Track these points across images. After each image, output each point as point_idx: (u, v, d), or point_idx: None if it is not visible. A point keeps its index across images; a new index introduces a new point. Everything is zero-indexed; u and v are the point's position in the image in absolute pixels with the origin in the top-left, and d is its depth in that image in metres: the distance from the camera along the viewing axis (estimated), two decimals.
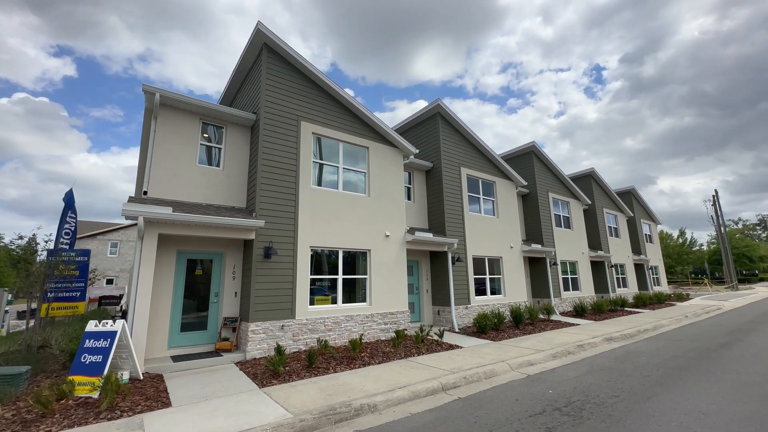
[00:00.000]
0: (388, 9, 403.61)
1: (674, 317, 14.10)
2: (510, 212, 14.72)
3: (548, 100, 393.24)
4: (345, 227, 9.53)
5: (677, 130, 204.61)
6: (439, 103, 12.68)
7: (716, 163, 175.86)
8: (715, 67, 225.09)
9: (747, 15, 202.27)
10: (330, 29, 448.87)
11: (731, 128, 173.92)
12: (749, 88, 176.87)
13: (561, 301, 16.03)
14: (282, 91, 9.10)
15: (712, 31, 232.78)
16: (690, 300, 22.45)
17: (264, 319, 7.78)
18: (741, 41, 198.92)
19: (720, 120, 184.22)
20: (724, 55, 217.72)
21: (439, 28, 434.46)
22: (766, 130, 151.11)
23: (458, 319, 11.66)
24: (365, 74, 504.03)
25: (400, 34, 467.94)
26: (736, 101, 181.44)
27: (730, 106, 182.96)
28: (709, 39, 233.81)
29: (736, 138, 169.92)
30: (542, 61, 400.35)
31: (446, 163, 12.81)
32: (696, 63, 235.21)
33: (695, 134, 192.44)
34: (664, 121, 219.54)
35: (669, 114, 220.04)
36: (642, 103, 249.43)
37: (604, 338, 9.84)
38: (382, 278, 10.00)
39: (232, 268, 8.48)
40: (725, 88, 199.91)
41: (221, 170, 8.85)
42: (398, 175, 11.13)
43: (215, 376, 6.38)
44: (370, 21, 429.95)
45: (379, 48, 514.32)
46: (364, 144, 10.50)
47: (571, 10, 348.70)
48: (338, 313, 8.97)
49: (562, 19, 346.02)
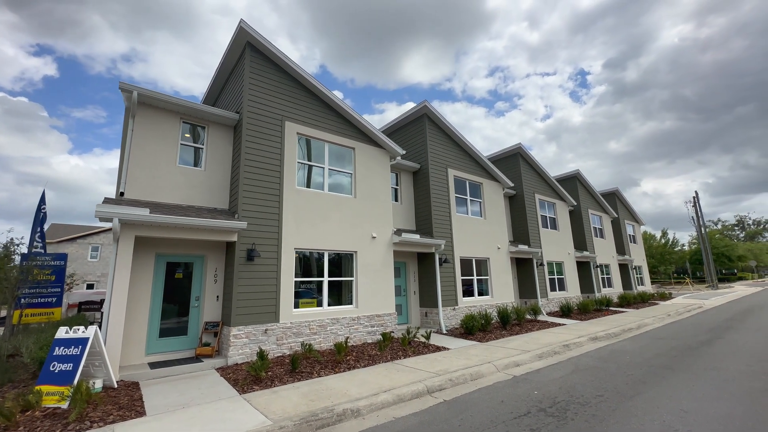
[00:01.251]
0: (377, 11, 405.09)
1: (657, 316, 14.34)
2: (497, 213, 14.79)
3: (535, 104, 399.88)
4: (331, 229, 9.40)
5: (659, 134, 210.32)
6: (425, 104, 12.68)
7: (696, 165, 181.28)
8: (694, 73, 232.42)
9: (724, 23, 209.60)
10: (318, 31, 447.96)
11: (710, 132, 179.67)
12: (727, 93, 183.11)
13: (548, 301, 16.17)
14: (265, 90, 8.95)
15: (690, 38, 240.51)
16: (673, 299, 22.93)
17: (246, 324, 7.59)
18: (718, 48, 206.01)
19: (699, 124, 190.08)
20: (702, 61, 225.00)
21: (428, 31, 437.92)
22: (742, 133, 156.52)
23: (446, 321, 11.62)
24: (354, 76, 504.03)
25: (390, 36, 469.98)
26: (715, 106, 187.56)
27: (709, 110, 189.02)
28: (688, 45, 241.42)
29: (714, 141, 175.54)
30: (529, 65, 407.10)
31: (433, 164, 12.81)
32: (676, 68, 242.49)
33: (676, 138, 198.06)
34: (647, 125, 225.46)
35: (651, 118, 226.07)
36: (625, 107, 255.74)
37: (590, 338, 9.92)
38: (369, 280, 9.89)
39: (213, 271, 8.26)
40: (704, 93, 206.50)
41: (203, 171, 8.64)
42: (385, 176, 11.06)
43: (194, 383, 6.17)
44: (359, 23, 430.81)
45: (368, 50, 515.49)
46: (351, 145, 10.41)
47: (556, 15, 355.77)
48: (324, 316, 8.83)
49: (548, 24, 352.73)
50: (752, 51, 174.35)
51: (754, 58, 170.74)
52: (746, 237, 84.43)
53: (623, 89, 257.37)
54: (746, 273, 62.68)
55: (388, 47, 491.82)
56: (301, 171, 9.45)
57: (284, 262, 8.38)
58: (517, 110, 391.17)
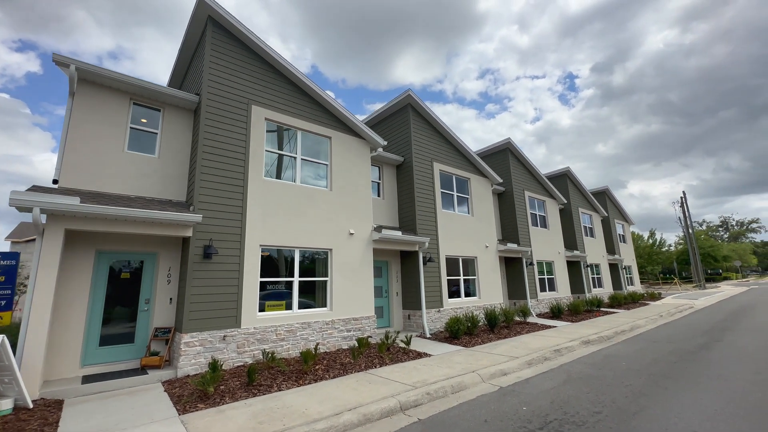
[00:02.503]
0: (368, 11, 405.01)
1: (649, 317, 13.84)
2: (485, 210, 14.12)
3: (525, 106, 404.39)
4: (303, 224, 8.57)
5: (645, 137, 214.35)
6: (409, 93, 11.93)
7: (681, 168, 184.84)
8: (678, 78, 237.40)
9: (707, 29, 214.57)
10: (309, 30, 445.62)
11: (694, 135, 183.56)
12: (710, 98, 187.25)
13: (537, 302, 15.56)
14: (229, 70, 8.09)
15: (675, 43, 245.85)
16: (663, 299, 22.63)
17: (201, 329, 6.71)
18: (701, 54, 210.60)
19: (684, 127, 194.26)
20: (686, 66, 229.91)
21: (420, 32, 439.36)
22: (725, 137, 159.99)
23: (430, 324, 10.87)
24: (345, 77, 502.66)
25: (381, 37, 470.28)
26: (698, 110, 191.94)
27: (693, 114, 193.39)
28: (673, 51, 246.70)
29: (698, 145, 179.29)
30: (518, 68, 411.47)
31: (418, 157, 12.06)
32: (661, 73, 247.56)
33: (662, 141, 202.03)
34: (633, 128, 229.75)
35: (638, 121, 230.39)
36: (613, 111, 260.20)
37: (582, 341, 9.27)
38: (346, 280, 9.08)
39: (167, 270, 7.36)
40: (688, 98, 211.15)
41: (157, 158, 7.72)
42: (364, 168, 10.26)
43: (130, 401, 5.28)
44: (351, 23, 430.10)
45: (359, 51, 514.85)
46: (327, 134, 9.59)
47: (545, 19, 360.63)
48: (293, 320, 7.99)
49: (538, 27, 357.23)
50: (734, 57, 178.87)
51: (736, 64, 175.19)
52: (730, 237, 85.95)
53: (611, 93, 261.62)
54: (731, 273, 63.60)
55: (380, 48, 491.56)
56: (271, 160, 8.60)
57: (248, 261, 7.52)
58: (507, 112, 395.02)
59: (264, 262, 7.97)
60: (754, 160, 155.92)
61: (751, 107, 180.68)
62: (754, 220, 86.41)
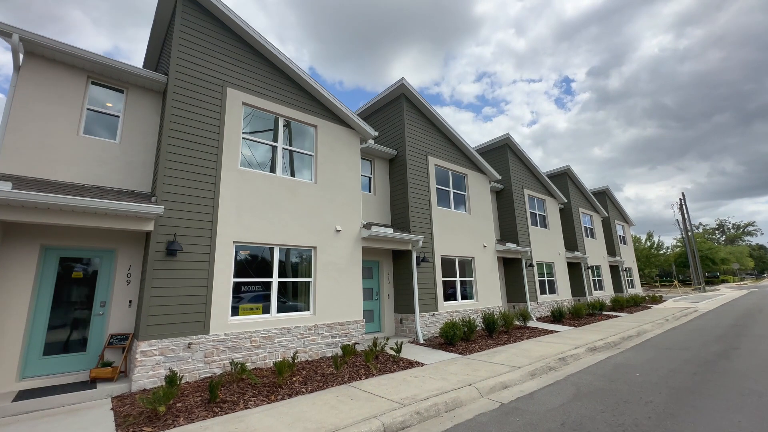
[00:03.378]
0: (367, 13, 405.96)
1: (655, 321, 13.14)
2: (483, 208, 13.39)
3: (521, 110, 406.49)
4: (283, 219, 7.79)
5: (641, 140, 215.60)
6: (403, 82, 11.21)
7: (676, 171, 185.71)
8: (673, 82, 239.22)
9: (701, 35, 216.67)
10: (307, 32, 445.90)
11: (689, 139, 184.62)
12: (704, 103, 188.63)
13: (537, 305, 14.82)
14: (202, 48, 7.32)
15: (670, 48, 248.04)
16: (664, 302, 22.01)
17: (162, 336, 5.90)
18: (696, 59, 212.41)
19: (679, 131, 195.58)
20: (681, 71, 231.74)
21: (418, 34, 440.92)
22: (719, 141, 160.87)
23: (424, 329, 10.10)
24: (343, 78, 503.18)
25: (379, 39, 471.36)
26: (693, 114, 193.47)
27: (688, 118, 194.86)
28: (668, 56, 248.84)
29: (693, 149, 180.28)
30: (515, 71, 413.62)
31: (412, 150, 11.32)
32: (656, 77, 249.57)
33: (657, 144, 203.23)
34: (629, 132, 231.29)
35: (633, 125, 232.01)
36: (608, 114, 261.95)
37: (588, 348, 8.54)
38: (332, 281, 8.30)
39: (127, 269, 6.55)
40: (683, 102, 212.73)
41: (118, 144, 6.92)
42: (353, 160, 9.51)
43: (66, 422, 4.47)
44: (349, 25, 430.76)
45: (357, 52, 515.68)
46: (312, 122, 8.83)
47: (542, 23, 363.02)
48: (271, 325, 7.19)
49: (534, 31, 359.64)
50: (728, 62, 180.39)
51: (729, 69, 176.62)
52: (727, 240, 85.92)
53: (606, 97, 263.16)
54: (728, 276, 63.35)
55: (378, 50, 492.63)
56: (248, 149, 7.83)
57: (220, 259, 6.72)
58: (504, 115, 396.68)
59: (239, 261, 7.18)
60: (748, 164, 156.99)
61: (745, 112, 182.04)
62: (750, 223, 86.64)
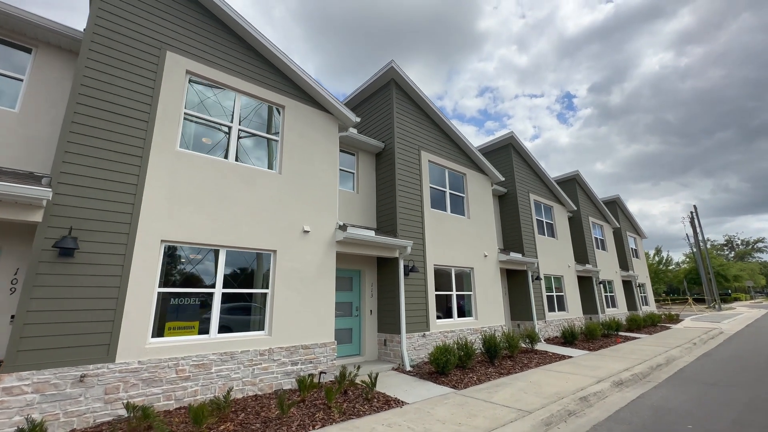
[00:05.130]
0: (371, 26, 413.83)
1: (681, 345, 11.39)
2: (484, 213, 11.84)
3: (524, 124, 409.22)
4: (235, 215, 6.27)
5: (643, 156, 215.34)
6: (392, 65, 9.81)
7: (679, 187, 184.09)
8: (675, 99, 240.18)
9: (701, 53, 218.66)
10: (312, 45, 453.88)
11: (692, 156, 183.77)
12: (707, 119, 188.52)
13: (545, 324, 13.09)
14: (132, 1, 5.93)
15: (671, 66, 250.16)
16: (682, 321, 20.18)
17: (41, 366, 4.32)
18: (697, 76, 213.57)
19: (681, 147, 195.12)
20: (682, 88, 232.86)
21: (422, 48, 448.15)
22: (723, 158, 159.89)
23: (412, 352, 8.44)
24: (346, 91, 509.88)
25: (384, 52, 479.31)
26: (695, 131, 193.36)
27: (690, 135, 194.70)
28: (669, 73, 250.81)
29: (696, 165, 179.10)
30: (517, 86, 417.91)
31: (402, 143, 9.85)
32: (658, 94, 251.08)
33: (659, 160, 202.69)
34: (631, 147, 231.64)
35: (635, 140, 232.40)
36: (611, 130, 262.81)
37: (613, 382, 6.84)
38: (295, 294, 6.72)
39: (12, 274, 5.01)
40: (685, 119, 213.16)
41: (16, 113, 5.47)
42: (329, 149, 8.03)
43: None
44: (354, 38, 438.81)
45: (361, 65, 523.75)
46: (279, 101, 7.40)
47: (544, 40, 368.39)
48: (209, 348, 5.58)
49: (536, 48, 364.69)
50: (729, 80, 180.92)
51: (730, 87, 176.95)
52: (736, 257, 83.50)
53: (608, 112, 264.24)
54: (740, 294, 60.90)
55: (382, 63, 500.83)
56: (192, 128, 6.37)
57: (139, 262, 5.18)
58: (506, 129, 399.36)
59: (169, 265, 5.63)
60: (752, 181, 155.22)
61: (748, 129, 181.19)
62: (760, 239, 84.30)
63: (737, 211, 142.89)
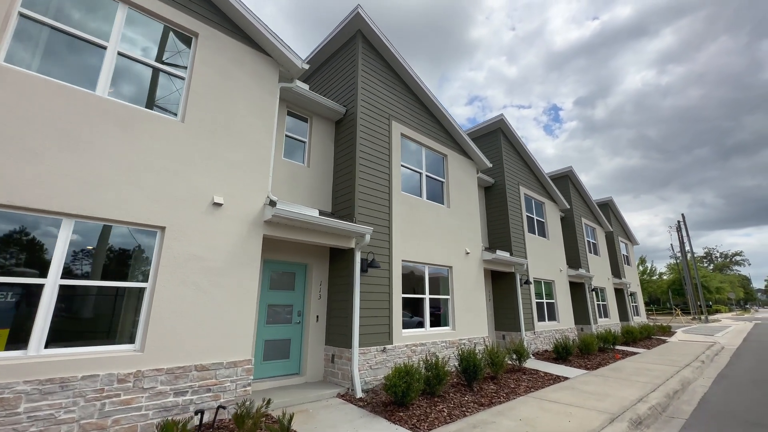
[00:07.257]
0: None
1: (689, 364, 9.78)
2: (468, 203, 10.01)
3: None
4: (93, 170, 4.21)
5: (626, 170, 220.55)
6: (358, 11, 7.88)
7: (659, 201, 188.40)
8: (656, 116, 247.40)
9: (682, 72, 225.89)
10: (302, 45, 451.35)
11: (671, 170, 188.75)
12: (685, 136, 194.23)
13: (535, 336, 11.31)
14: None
15: (653, 83, 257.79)
16: (675, 334, 18.84)
17: None
18: (677, 94, 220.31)
19: (661, 162, 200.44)
20: (663, 106, 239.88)
21: (415, 53, 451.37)
22: (700, 174, 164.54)
23: (368, 372, 6.46)
24: None
25: None
26: (675, 147, 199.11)
27: (670, 151, 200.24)
28: (651, 90, 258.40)
29: (675, 180, 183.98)
30: (506, 97, 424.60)
31: (366, 107, 7.92)
32: (640, 110, 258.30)
33: (640, 174, 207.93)
34: (614, 161, 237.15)
35: (618, 154, 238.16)
36: (595, 143, 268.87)
37: (630, 421, 5.03)
38: (192, 291, 4.68)
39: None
40: (665, 135, 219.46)
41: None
42: (264, 99, 6.04)
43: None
44: None
45: None
46: (187, 25, 5.39)
47: (533, 52, 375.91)
48: (20, 374, 3.50)
49: (525, 60, 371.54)
50: (707, 100, 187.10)
51: (708, 107, 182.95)
52: (715, 269, 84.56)
53: (593, 126, 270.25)
54: (720, 306, 61.04)
55: None
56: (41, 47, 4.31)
57: None
58: None
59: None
60: (727, 198, 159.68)
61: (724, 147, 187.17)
62: (738, 253, 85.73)
63: (712, 226, 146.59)
